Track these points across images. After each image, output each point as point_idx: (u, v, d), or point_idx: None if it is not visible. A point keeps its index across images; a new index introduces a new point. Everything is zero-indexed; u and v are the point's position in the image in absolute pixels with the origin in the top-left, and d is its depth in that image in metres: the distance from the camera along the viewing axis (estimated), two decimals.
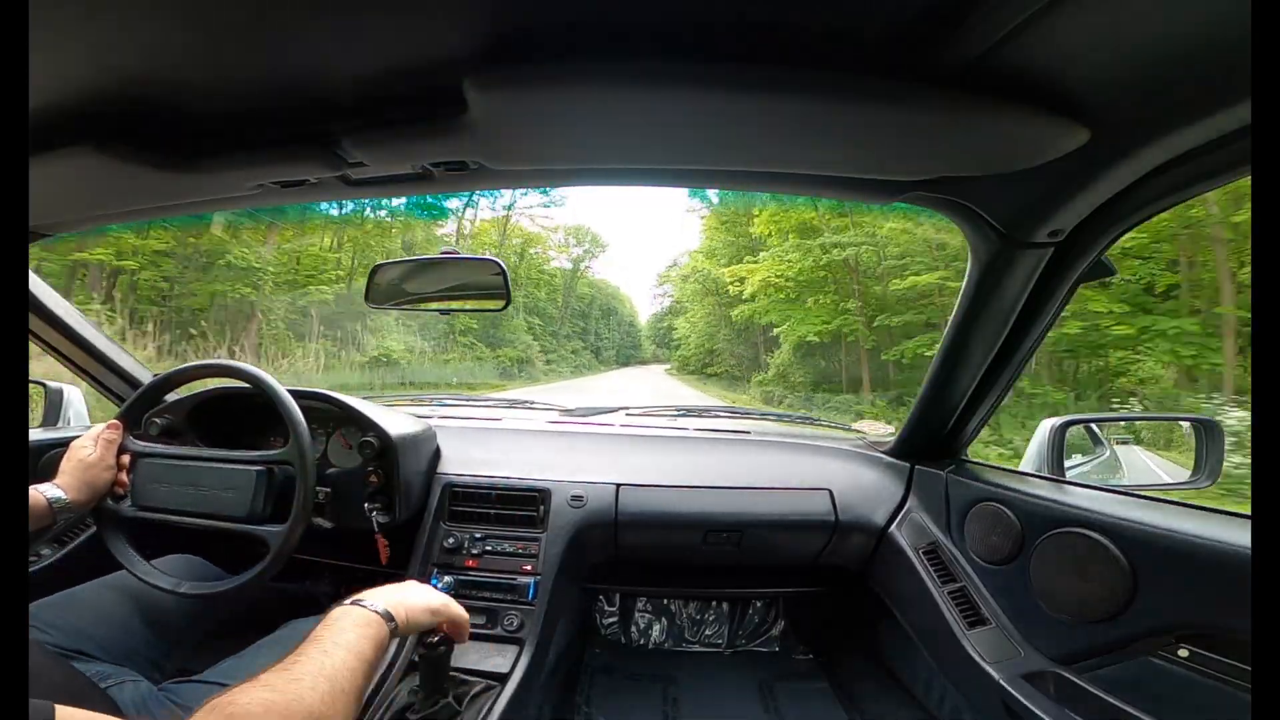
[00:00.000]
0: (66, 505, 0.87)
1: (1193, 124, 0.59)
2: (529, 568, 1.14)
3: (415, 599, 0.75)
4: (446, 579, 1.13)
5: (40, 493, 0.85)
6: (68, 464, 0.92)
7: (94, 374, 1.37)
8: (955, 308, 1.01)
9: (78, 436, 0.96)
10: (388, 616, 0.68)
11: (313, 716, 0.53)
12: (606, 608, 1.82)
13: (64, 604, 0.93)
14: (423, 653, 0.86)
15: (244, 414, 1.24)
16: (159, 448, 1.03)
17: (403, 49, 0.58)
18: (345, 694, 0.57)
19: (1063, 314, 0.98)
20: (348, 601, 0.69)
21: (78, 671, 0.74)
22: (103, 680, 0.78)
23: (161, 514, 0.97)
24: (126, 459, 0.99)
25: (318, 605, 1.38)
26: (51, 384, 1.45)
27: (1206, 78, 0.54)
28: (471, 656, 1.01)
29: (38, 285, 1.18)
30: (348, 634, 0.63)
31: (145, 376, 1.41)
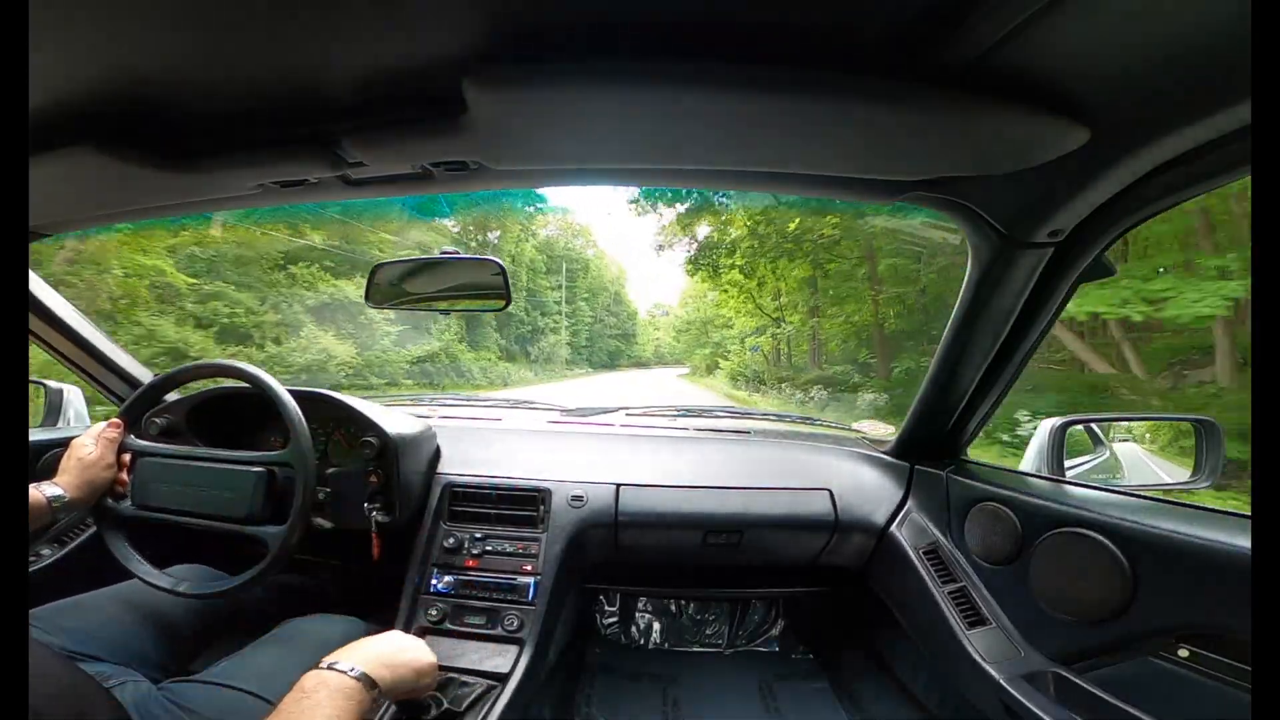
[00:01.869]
0: (66, 504, 0.87)
1: (1193, 124, 0.58)
2: (529, 568, 1.14)
3: (399, 657, 0.69)
4: (446, 579, 1.13)
5: (40, 491, 0.85)
6: (68, 462, 0.92)
7: (94, 374, 1.37)
8: (955, 307, 1.01)
9: (78, 436, 0.96)
10: (368, 682, 0.63)
11: None
12: (607, 608, 1.82)
13: (73, 609, 0.94)
14: None
15: (244, 414, 1.24)
16: (160, 447, 1.02)
17: (403, 49, 0.58)
18: None
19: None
20: (323, 665, 0.63)
21: (84, 672, 0.75)
22: (107, 680, 0.79)
23: (161, 513, 0.98)
24: (127, 458, 0.99)
25: (315, 605, 1.38)
26: (51, 384, 1.45)
27: (1206, 78, 0.54)
28: (471, 656, 1.01)
29: (38, 285, 1.18)
30: (324, 709, 0.58)
31: (145, 376, 1.41)
